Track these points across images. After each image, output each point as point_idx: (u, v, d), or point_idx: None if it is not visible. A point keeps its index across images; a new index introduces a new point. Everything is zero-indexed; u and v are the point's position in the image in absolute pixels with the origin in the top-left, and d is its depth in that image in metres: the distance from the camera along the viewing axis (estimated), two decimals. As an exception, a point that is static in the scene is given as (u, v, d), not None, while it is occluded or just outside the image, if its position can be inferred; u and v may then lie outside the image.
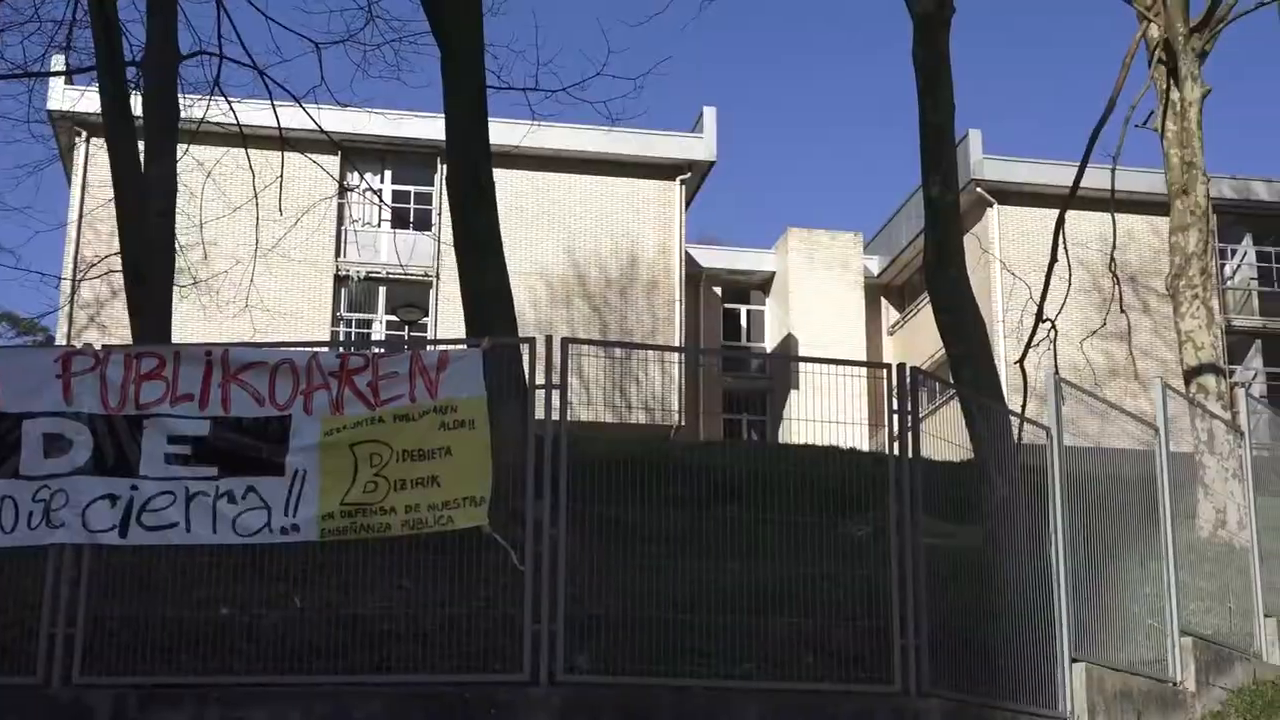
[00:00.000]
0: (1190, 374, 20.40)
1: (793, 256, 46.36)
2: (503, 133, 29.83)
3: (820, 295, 45.91)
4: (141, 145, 16.60)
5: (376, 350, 11.12)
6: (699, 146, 41.02)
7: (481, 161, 15.29)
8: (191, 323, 29.80)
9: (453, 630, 10.35)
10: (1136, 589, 13.53)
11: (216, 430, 10.49)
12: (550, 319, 38.55)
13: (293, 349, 11.14)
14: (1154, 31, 21.94)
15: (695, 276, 44.99)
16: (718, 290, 47.28)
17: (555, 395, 10.61)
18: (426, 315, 38.45)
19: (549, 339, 10.92)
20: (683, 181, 40.87)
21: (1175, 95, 21.44)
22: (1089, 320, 31.70)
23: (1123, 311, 22.19)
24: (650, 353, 38.15)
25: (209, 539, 10.38)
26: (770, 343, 47.63)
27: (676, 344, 39.51)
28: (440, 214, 37.09)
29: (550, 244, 39.68)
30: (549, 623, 10.07)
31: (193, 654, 10.22)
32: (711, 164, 41.20)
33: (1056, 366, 16.58)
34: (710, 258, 47.13)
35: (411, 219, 39.34)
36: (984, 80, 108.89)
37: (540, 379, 10.75)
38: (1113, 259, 21.49)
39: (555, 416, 10.55)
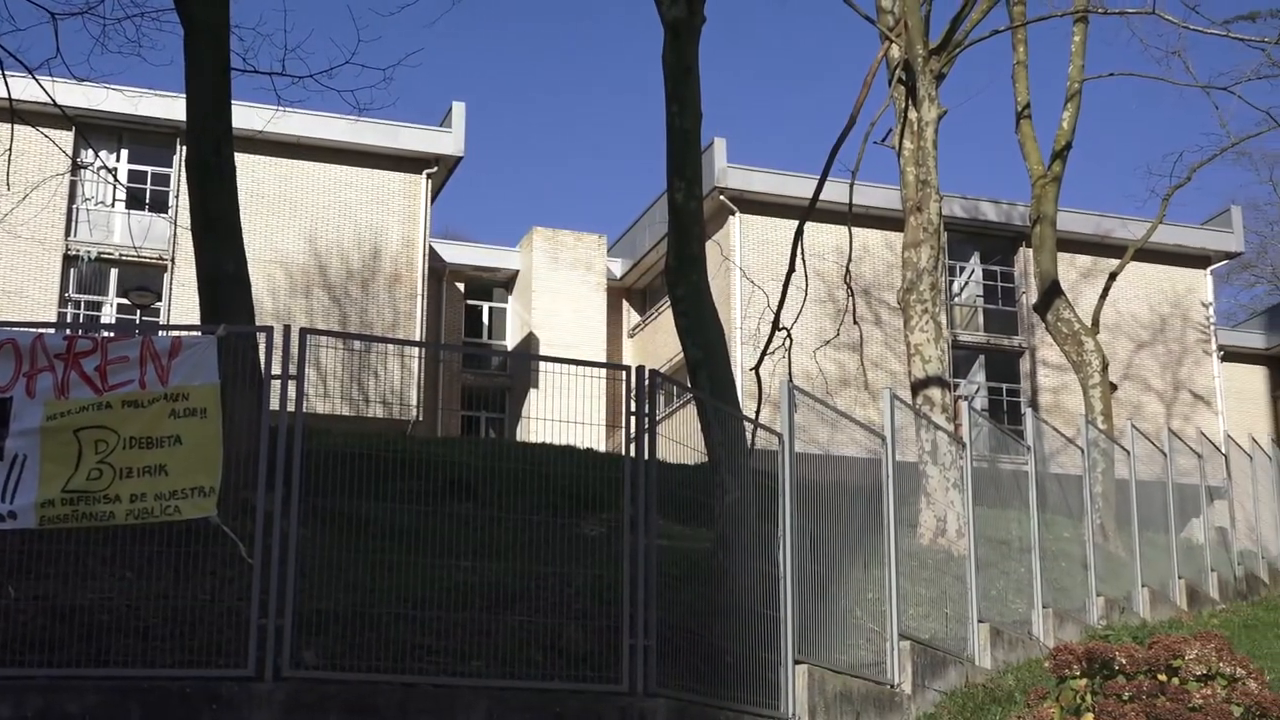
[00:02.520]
0: (918, 386, 21.04)
1: (537, 256, 46.44)
2: (246, 117, 29.26)
3: (563, 295, 46.10)
4: None
5: (106, 334, 10.75)
6: (447, 141, 40.78)
7: (223, 144, 14.95)
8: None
9: (176, 623, 10.10)
10: (859, 593, 13.88)
11: (-69, 411, 10.06)
12: (289, 308, 37.91)
13: (16, 329, 10.71)
14: (895, 52, 22.58)
15: (439, 271, 44.74)
16: (461, 286, 47.09)
17: (291, 386, 10.43)
18: (160, 299, 37.41)
19: (287, 328, 10.73)
20: (429, 175, 40.58)
21: (913, 115, 22.10)
22: (824, 330, 32.45)
23: (856, 323, 22.72)
24: (390, 346, 37.78)
25: (-81, 524, 9.95)
26: (511, 341, 47.64)
27: (417, 338, 39.23)
28: (178, 196, 36.18)
29: (291, 232, 39.01)
30: (276, 617, 9.89)
31: (-104, 644, 9.78)
32: (459, 159, 41.00)
33: (790, 374, 16.91)
34: (454, 253, 46.93)
35: (148, 200, 38.26)
36: (731, 90, 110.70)
37: (277, 369, 10.54)
38: (848, 271, 21.99)
39: (291, 408, 10.37)
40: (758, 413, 16.45)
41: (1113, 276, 32.13)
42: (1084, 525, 19.90)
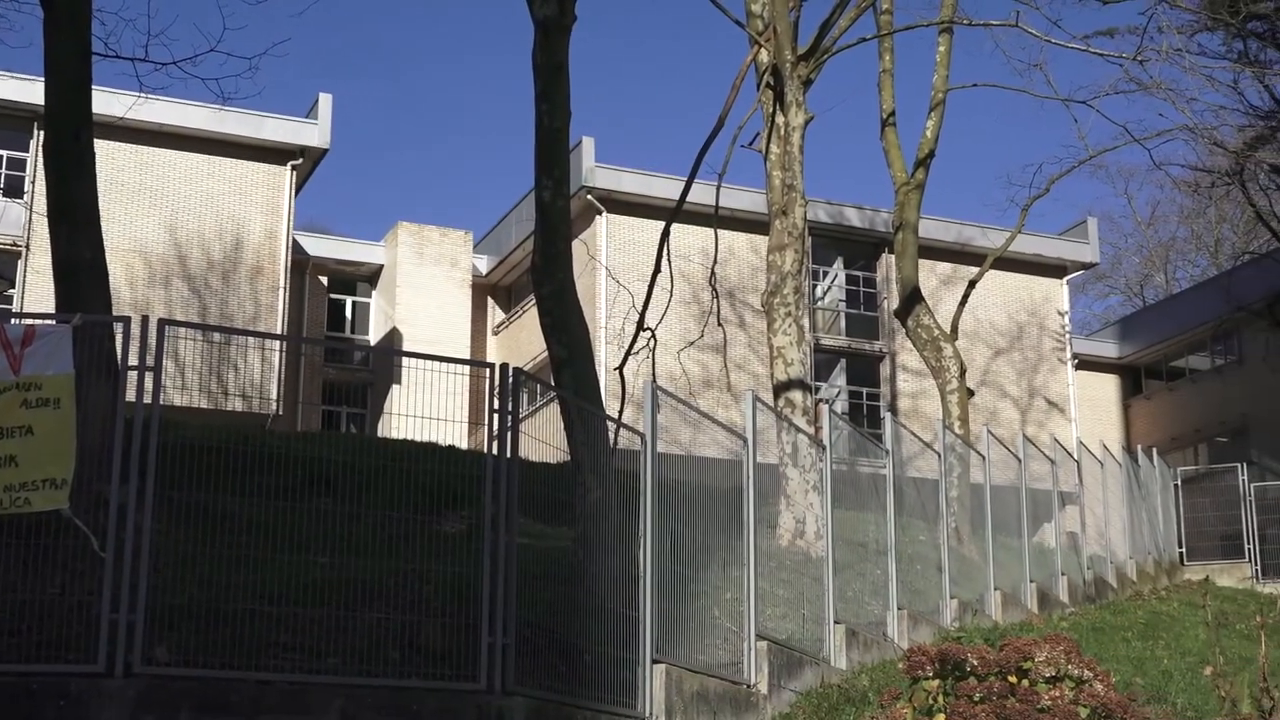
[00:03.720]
0: (780, 388, 21.21)
1: (402, 251, 46.12)
2: (107, 102, 28.78)
3: (427, 291, 45.83)
4: None
5: (-44, 320, 10.50)
6: (312, 133, 40.34)
7: (82, 129, 14.64)
8: None
9: (24, 618, 9.88)
10: (718, 594, 13.95)
11: None
12: (148, 299, 37.30)
13: None
14: (764, 57, 22.74)
15: (302, 264, 44.27)
16: (324, 280, 46.64)
17: (148, 378, 10.25)
18: (13, 287, 36.60)
19: (145, 319, 10.55)
20: (294, 167, 40.12)
21: (780, 119, 22.27)
22: (688, 331, 32.63)
23: (720, 325, 22.86)
24: (250, 339, 37.28)
25: None
26: (375, 336, 47.27)
27: (279, 332, 38.77)
28: (35, 181, 35.45)
29: (151, 221, 38.37)
30: (128, 612, 9.72)
31: None
32: (324, 151, 40.58)
33: (654, 375, 16.96)
34: (318, 247, 46.46)
35: (3, 184, 37.43)
36: (600, 90, 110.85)
37: (134, 360, 10.36)
38: (713, 273, 22.11)
39: (147, 399, 10.19)
40: (621, 412, 16.46)
41: (972, 284, 32.65)
42: (939, 529, 20.21)
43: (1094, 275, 66.40)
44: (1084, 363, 50.18)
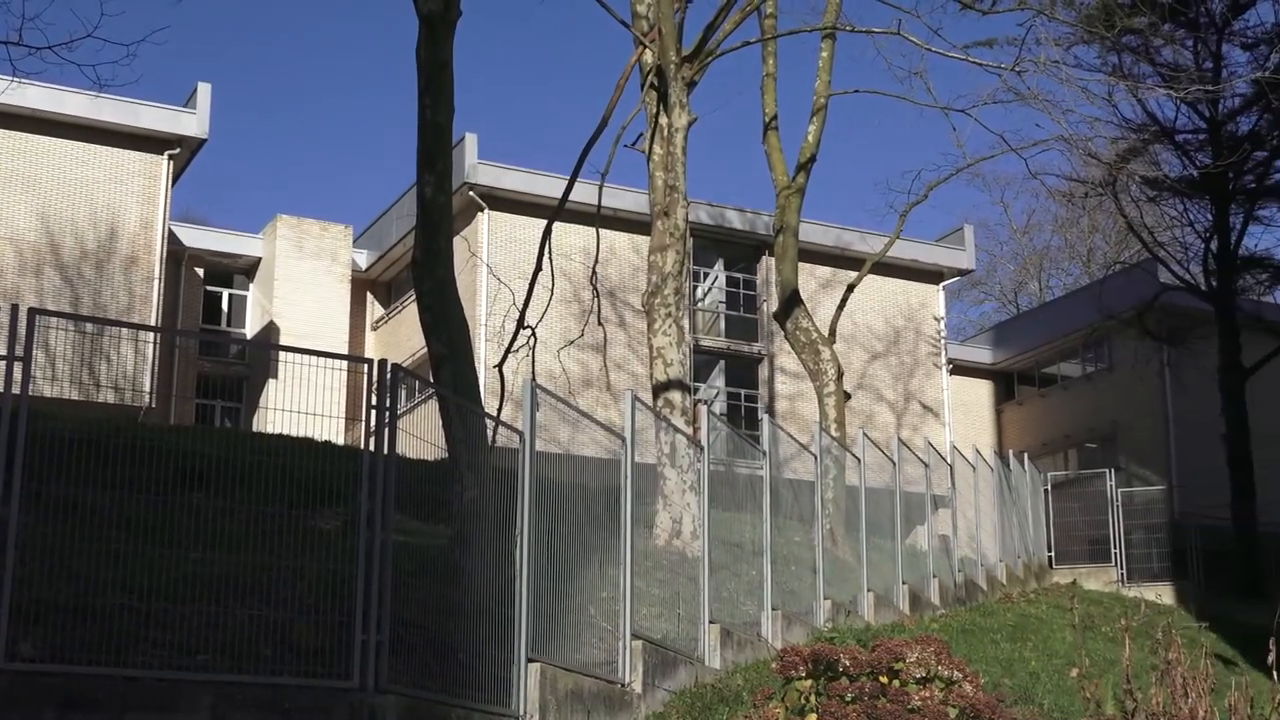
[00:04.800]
0: (659, 388, 21.27)
1: (280, 243, 45.63)
2: (-21, 86, 28.12)
3: (306, 285, 45.40)
4: None
5: None
6: (190, 122, 39.77)
7: (-48, 114, 14.37)
8: None
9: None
10: (594, 593, 13.97)
11: None
12: (18, 287, 36.57)
13: None
14: (649, 57, 22.78)
15: (178, 255, 43.66)
16: (200, 272, 46.02)
17: (18, 368, 10.05)
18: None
19: (15, 308, 10.36)
20: (171, 157, 39.53)
21: (664, 120, 22.33)
22: (569, 330, 32.65)
23: (600, 324, 22.90)
24: (124, 330, 36.63)
25: None
26: (251, 329, 46.73)
27: (153, 323, 38.18)
28: (-99, 165, 34.65)
29: (22, 208, 37.62)
30: (-8, 607, 9.53)
31: None
32: (202, 141, 40.01)
33: (534, 373, 16.95)
34: (195, 238, 45.85)
35: None
36: (484, 86, 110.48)
37: (2, 349, 10.16)
38: (595, 272, 22.13)
39: (16, 390, 10.00)
40: (500, 410, 16.47)
41: (850, 288, 32.96)
42: (814, 530, 20.37)
43: (969, 282, 67.47)
44: (959, 368, 50.90)
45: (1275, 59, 35.85)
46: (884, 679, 10.11)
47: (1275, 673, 11.23)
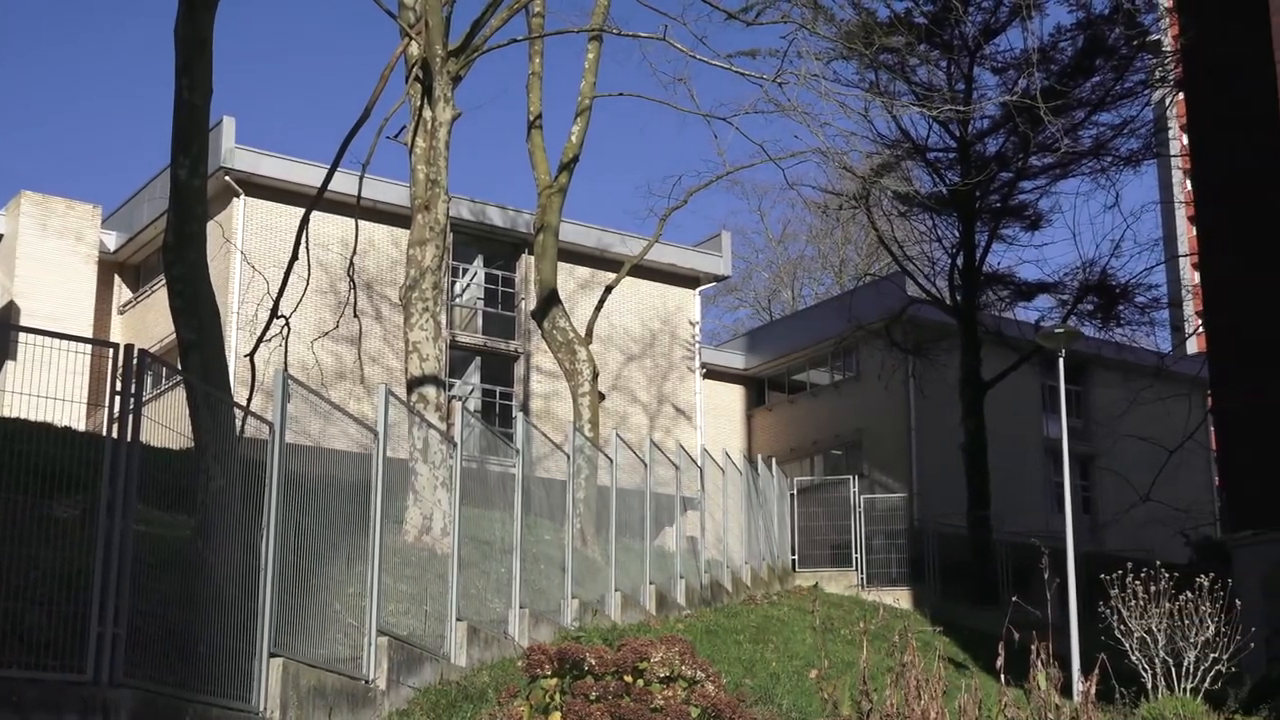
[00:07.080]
0: (414, 383, 21.14)
1: (24, 221, 44.06)
2: None
3: (50, 265, 43.91)
4: None
5: None
6: (-68, 90, 38.22)
7: None
8: None
9: None
10: (341, 588, 13.84)
11: None
12: None
13: None
14: (415, 50, 22.62)
15: (-87, 228, 41.86)
16: (-63, 246, 44.20)
17: None
18: None
19: None
20: (-91, 125, 37.93)
21: (428, 114, 22.20)
22: (323, 321, 32.21)
23: (356, 316, 22.65)
24: None
25: None
26: (-10, 308, 45.07)
27: (-117, 298, 36.57)
28: None
29: None
30: None
31: None
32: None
33: (286, 364, 16.71)
34: (-68, 211, 44.04)
35: None
36: (246, 69, 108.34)
37: None
38: (352, 264, 21.89)
39: None
40: (249, 400, 16.17)
41: (608, 290, 33.18)
42: (565, 529, 20.48)
43: (725, 288, 68.40)
44: (712, 372, 51.58)
45: (1023, 83, 37.13)
46: (629, 678, 10.20)
47: (1003, 676, 11.66)
